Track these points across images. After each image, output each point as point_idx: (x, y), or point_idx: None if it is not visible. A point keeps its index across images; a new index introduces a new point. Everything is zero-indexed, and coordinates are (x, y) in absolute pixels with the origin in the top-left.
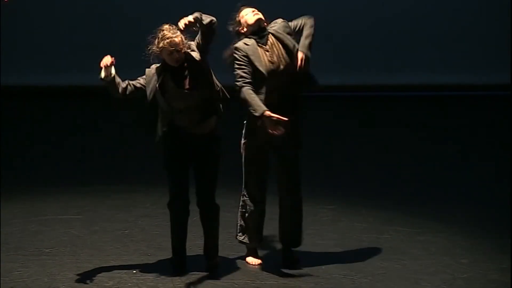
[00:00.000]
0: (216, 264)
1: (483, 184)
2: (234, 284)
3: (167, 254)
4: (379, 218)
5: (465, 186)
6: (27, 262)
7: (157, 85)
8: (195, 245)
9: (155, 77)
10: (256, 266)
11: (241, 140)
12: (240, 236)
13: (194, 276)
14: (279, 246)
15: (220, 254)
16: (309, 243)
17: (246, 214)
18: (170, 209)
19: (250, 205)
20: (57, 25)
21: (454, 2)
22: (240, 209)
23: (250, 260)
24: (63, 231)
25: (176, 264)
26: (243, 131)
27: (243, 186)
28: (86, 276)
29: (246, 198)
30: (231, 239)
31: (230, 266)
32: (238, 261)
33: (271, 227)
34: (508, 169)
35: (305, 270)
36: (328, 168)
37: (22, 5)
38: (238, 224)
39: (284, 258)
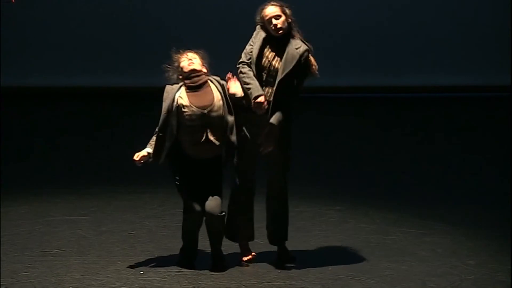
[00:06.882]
0: (224, 268)
1: (489, 185)
2: (241, 284)
3: (174, 255)
4: (386, 220)
5: (471, 187)
6: (34, 263)
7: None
8: (203, 245)
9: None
10: (251, 258)
11: None
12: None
13: (201, 277)
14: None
15: (225, 255)
16: (316, 244)
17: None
18: (185, 216)
19: (236, 201)
20: (58, 26)
21: (455, 4)
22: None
23: (245, 259)
24: (70, 232)
25: (184, 264)
26: None
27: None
28: (93, 277)
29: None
30: None
31: (237, 266)
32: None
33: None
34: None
35: (312, 271)
36: (335, 169)
37: (23, 6)
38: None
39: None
